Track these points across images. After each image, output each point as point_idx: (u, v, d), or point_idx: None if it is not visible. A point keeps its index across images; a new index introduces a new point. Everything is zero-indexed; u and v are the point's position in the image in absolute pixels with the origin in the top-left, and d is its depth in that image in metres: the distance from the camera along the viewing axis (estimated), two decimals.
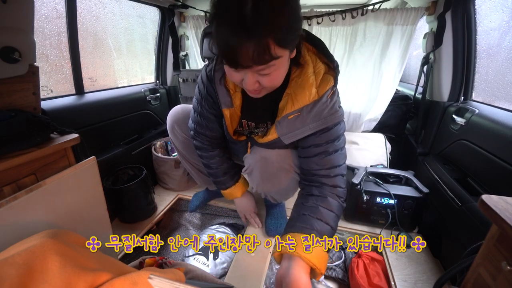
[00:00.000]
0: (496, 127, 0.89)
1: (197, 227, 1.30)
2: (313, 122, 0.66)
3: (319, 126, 0.66)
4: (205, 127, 0.87)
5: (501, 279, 0.44)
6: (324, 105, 0.65)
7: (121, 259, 1.00)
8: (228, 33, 0.46)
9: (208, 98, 0.80)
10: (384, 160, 1.45)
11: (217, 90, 0.73)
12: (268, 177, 0.85)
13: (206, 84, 0.78)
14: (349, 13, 1.38)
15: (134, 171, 1.24)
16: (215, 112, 0.83)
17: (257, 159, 0.83)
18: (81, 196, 0.67)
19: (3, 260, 0.37)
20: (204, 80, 0.78)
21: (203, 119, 0.85)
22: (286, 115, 0.67)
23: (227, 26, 0.46)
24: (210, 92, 0.78)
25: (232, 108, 0.74)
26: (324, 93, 0.64)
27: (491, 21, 1.07)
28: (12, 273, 0.36)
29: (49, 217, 0.57)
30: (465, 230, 0.85)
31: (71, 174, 0.62)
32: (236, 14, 0.44)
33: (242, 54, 0.48)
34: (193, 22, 1.70)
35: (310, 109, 0.65)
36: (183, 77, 1.53)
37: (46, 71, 1.13)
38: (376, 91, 1.51)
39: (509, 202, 0.45)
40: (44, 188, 0.56)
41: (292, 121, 0.67)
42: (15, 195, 0.50)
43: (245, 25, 0.44)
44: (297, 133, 0.68)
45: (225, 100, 0.73)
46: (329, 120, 0.66)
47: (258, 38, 0.46)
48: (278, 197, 0.98)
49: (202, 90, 0.80)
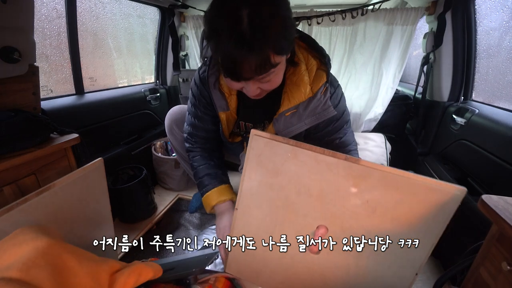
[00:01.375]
0: (496, 127, 0.89)
1: (197, 227, 1.30)
2: (308, 118, 0.69)
3: (313, 122, 0.70)
4: (200, 129, 0.85)
5: (501, 279, 0.44)
6: (318, 101, 0.68)
7: (121, 259, 1.00)
8: (229, 50, 0.48)
9: (202, 100, 0.80)
10: (384, 160, 1.45)
11: (212, 94, 0.74)
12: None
13: (199, 87, 0.78)
14: (349, 13, 1.38)
15: (134, 171, 1.24)
16: (210, 113, 0.82)
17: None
18: (87, 197, 0.67)
19: (25, 266, 0.37)
20: (198, 82, 0.78)
21: (197, 120, 0.84)
22: (283, 112, 0.69)
23: (227, 44, 0.48)
24: (204, 94, 0.78)
25: (228, 111, 0.75)
26: (317, 90, 0.67)
27: (491, 21, 1.07)
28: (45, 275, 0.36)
29: (57, 219, 0.57)
30: (465, 230, 0.85)
31: (79, 175, 0.62)
32: (235, 32, 0.46)
33: (244, 68, 0.50)
34: (193, 22, 1.70)
35: (306, 106, 0.68)
36: (183, 77, 1.53)
37: (46, 71, 1.13)
38: (376, 91, 1.51)
39: (509, 202, 0.45)
40: (53, 190, 0.56)
41: (289, 118, 0.69)
42: (25, 198, 0.50)
43: (245, 41, 0.46)
44: (293, 129, 0.71)
45: (220, 103, 0.74)
46: (322, 115, 0.69)
47: (259, 52, 0.48)
48: None
49: (196, 92, 0.80)
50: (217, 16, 0.49)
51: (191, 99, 0.83)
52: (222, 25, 0.48)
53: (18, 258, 0.38)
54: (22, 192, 0.71)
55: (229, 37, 0.47)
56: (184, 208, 1.37)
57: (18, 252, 0.39)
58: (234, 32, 0.46)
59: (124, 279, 0.45)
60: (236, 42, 0.47)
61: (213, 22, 0.49)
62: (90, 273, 0.41)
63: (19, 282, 0.34)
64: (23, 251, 0.39)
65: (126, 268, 0.47)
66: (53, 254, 0.40)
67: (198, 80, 0.78)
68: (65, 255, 0.41)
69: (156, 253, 1.14)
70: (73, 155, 0.85)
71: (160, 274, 0.55)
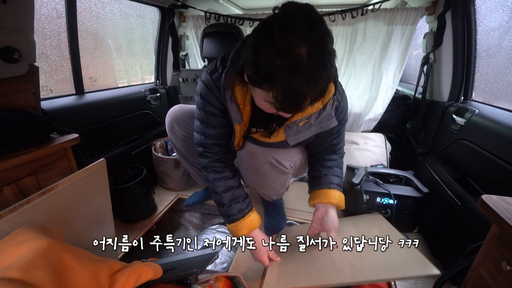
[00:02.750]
0: (496, 127, 0.89)
1: (197, 227, 1.30)
2: (314, 126, 0.74)
3: (318, 130, 0.74)
4: (214, 137, 0.80)
5: (501, 279, 0.44)
6: (326, 113, 0.71)
7: (121, 259, 1.00)
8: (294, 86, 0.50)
9: (222, 108, 0.76)
10: (384, 160, 1.45)
11: (228, 106, 0.71)
12: (253, 171, 0.87)
13: (218, 96, 0.74)
14: (349, 13, 1.38)
15: (134, 171, 1.24)
16: (226, 122, 0.79)
17: (244, 152, 0.84)
18: (89, 197, 0.67)
19: (25, 266, 0.36)
20: (215, 90, 0.74)
21: (213, 128, 0.79)
22: (296, 121, 0.72)
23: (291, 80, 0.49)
24: (223, 103, 0.74)
25: (242, 123, 0.75)
26: (327, 102, 0.70)
27: (491, 21, 1.07)
28: (45, 275, 0.36)
29: (59, 219, 0.57)
30: (465, 230, 0.85)
31: (82, 176, 0.62)
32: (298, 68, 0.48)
33: (305, 102, 0.53)
34: (193, 22, 1.70)
35: (316, 117, 0.71)
36: (183, 77, 1.53)
37: (46, 71, 1.13)
38: (376, 91, 1.51)
39: (509, 202, 0.45)
40: (56, 191, 0.56)
41: (301, 127, 0.73)
42: (28, 198, 0.50)
43: (311, 76, 0.49)
44: (301, 136, 0.74)
45: (236, 116, 0.73)
46: (326, 125, 0.74)
47: (320, 85, 0.51)
48: (267, 191, 0.98)
49: (213, 99, 0.75)
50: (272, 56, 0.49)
51: (205, 106, 0.77)
52: (282, 66, 0.49)
53: (18, 258, 0.38)
54: (22, 192, 0.71)
55: (292, 76, 0.49)
56: (184, 208, 1.37)
57: (18, 252, 0.39)
58: (297, 69, 0.48)
59: (124, 279, 0.45)
60: (303, 78, 0.49)
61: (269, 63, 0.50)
62: (90, 273, 0.41)
63: (19, 282, 0.34)
64: (23, 251, 0.39)
65: (126, 268, 0.47)
66: (53, 254, 0.40)
67: (214, 88, 0.73)
68: (65, 255, 0.41)
69: (156, 253, 1.14)
70: (73, 155, 0.85)
71: (160, 274, 0.56)
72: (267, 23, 0.52)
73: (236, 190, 0.84)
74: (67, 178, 0.58)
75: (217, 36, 1.37)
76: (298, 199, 1.28)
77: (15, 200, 0.49)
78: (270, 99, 0.54)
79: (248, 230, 0.81)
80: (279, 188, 0.97)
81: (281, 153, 0.84)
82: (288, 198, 1.26)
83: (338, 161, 0.90)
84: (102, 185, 0.71)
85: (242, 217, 0.81)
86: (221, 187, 0.82)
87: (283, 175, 0.89)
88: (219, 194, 0.82)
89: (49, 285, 0.36)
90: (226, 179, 0.83)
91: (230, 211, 0.81)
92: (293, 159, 0.88)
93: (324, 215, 0.82)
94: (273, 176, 0.88)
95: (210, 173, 0.84)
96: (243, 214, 0.82)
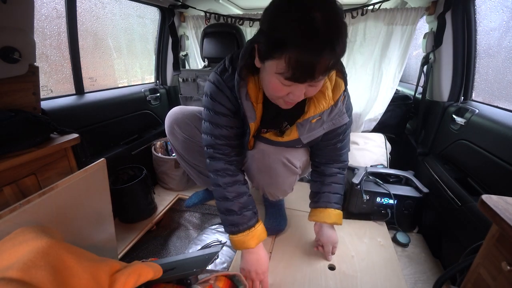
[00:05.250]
0: (496, 127, 0.89)
1: (197, 227, 1.30)
2: (326, 123, 0.75)
3: (330, 127, 0.76)
4: (226, 137, 0.77)
5: (501, 279, 0.44)
6: (338, 109, 0.73)
7: (121, 259, 1.00)
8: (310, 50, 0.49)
9: (233, 109, 0.75)
10: (384, 160, 1.45)
11: (244, 105, 0.70)
12: (265, 170, 0.85)
13: (230, 97, 0.73)
14: (349, 13, 1.38)
15: (134, 171, 1.24)
16: (238, 122, 0.78)
17: (255, 151, 0.84)
18: (89, 198, 0.67)
19: (25, 266, 0.37)
20: (226, 91, 0.72)
21: (225, 129, 0.76)
22: (308, 118, 0.72)
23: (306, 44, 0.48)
24: (235, 103, 0.73)
25: (255, 121, 0.75)
26: (338, 98, 0.71)
27: (491, 21, 1.07)
28: (45, 275, 0.36)
29: (59, 219, 0.57)
30: (465, 230, 0.85)
31: (82, 176, 0.62)
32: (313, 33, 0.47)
33: (319, 68, 0.51)
34: (193, 22, 1.69)
35: (329, 114, 0.73)
36: (183, 77, 1.53)
37: (46, 71, 1.13)
38: (376, 91, 1.51)
39: (509, 202, 0.45)
40: (56, 191, 0.56)
41: (314, 124, 0.74)
42: (29, 199, 0.50)
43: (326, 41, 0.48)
44: (315, 133, 0.75)
45: (251, 114, 0.72)
46: (337, 121, 0.75)
47: (333, 52, 0.50)
48: (275, 191, 0.94)
49: (225, 100, 0.74)
50: (287, 19, 0.49)
51: (215, 107, 0.74)
52: (296, 27, 0.48)
53: (18, 258, 0.38)
54: (22, 192, 0.71)
55: (307, 38, 0.48)
56: (184, 208, 1.37)
57: (18, 252, 0.39)
58: (312, 30, 0.47)
59: (124, 279, 0.45)
60: (317, 43, 0.48)
61: (284, 26, 0.49)
62: (90, 273, 0.41)
63: (19, 282, 0.34)
64: (23, 251, 0.39)
65: (126, 268, 0.47)
66: (53, 254, 0.40)
67: (225, 88, 0.72)
68: (65, 255, 0.41)
69: (156, 253, 1.14)
70: (73, 155, 0.85)
71: (160, 274, 0.56)
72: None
73: (248, 197, 0.81)
74: (67, 178, 0.58)
75: (217, 36, 1.37)
76: (298, 199, 1.28)
77: (15, 200, 0.49)
78: (281, 68, 0.53)
79: (257, 241, 0.78)
80: (287, 188, 0.96)
81: (292, 152, 0.84)
82: (288, 198, 1.26)
83: (338, 176, 0.90)
84: (102, 185, 0.71)
85: (252, 225, 0.78)
86: (233, 192, 0.78)
87: (293, 175, 0.89)
88: (230, 201, 0.77)
89: (49, 285, 0.36)
90: (240, 184, 0.80)
91: (241, 219, 0.77)
92: (301, 159, 0.88)
93: (319, 231, 0.93)
94: (284, 175, 0.87)
95: (222, 177, 0.78)
96: (253, 222, 0.79)
